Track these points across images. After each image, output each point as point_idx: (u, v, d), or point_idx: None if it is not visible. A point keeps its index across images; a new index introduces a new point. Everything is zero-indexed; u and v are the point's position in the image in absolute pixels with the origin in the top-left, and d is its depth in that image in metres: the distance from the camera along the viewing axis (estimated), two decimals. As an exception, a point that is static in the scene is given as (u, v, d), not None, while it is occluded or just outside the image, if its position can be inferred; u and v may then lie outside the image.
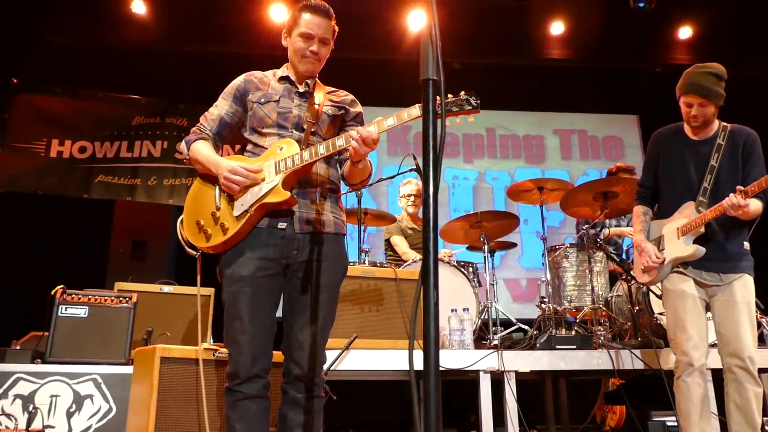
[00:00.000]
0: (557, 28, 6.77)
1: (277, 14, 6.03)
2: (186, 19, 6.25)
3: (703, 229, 2.94)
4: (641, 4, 6.39)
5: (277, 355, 2.28)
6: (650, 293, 4.02)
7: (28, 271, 5.38)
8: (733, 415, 2.80)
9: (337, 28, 2.44)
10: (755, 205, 2.86)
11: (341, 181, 2.49)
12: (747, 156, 3.00)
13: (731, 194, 2.80)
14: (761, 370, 3.32)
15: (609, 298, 4.43)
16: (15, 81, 6.06)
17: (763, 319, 4.17)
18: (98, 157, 6.10)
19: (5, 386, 3.32)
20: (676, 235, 3.01)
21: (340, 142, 2.20)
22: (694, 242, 2.98)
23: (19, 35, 5.96)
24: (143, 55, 6.44)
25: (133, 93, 6.42)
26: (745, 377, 2.78)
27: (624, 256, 4.76)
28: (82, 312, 3.59)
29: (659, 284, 3.23)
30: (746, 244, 3.03)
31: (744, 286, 2.92)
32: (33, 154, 5.99)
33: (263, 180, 2.23)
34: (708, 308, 3.01)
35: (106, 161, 6.11)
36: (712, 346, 3.01)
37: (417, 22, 6.33)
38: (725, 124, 3.08)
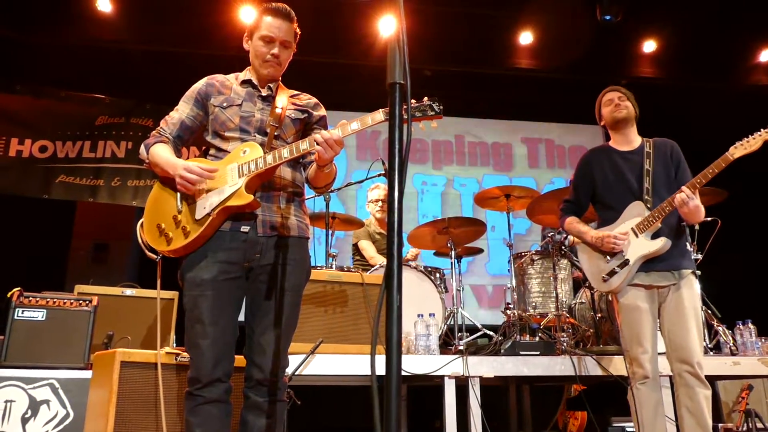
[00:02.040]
0: (526, 38, 6.87)
1: (247, 16, 5.98)
2: (154, 19, 6.15)
3: (660, 224, 2.99)
4: (608, 17, 6.54)
5: (239, 360, 2.25)
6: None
7: (-16, 272, 5.22)
8: (685, 419, 2.87)
9: (299, 31, 2.44)
10: (701, 209, 2.96)
11: (306, 185, 2.48)
12: (676, 162, 3.14)
13: (680, 190, 2.89)
14: (715, 377, 3.40)
15: (572, 305, 4.50)
16: None
17: (720, 327, 4.28)
18: (59, 156, 5.97)
19: (-43, 391, 3.21)
20: (634, 235, 3.04)
21: (303, 145, 2.20)
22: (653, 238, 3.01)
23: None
24: (109, 54, 6.33)
25: (97, 92, 6.30)
26: (694, 382, 2.85)
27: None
28: (39, 315, 3.49)
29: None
30: (688, 246, 3.11)
31: (691, 289, 2.99)
32: (-9, 152, 5.84)
33: (226, 183, 2.21)
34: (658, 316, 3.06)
35: (67, 161, 5.98)
36: (660, 354, 3.06)
37: (387, 27, 6.35)
38: (647, 138, 3.22)
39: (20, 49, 6.11)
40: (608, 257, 3.09)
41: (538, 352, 3.71)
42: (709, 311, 4.23)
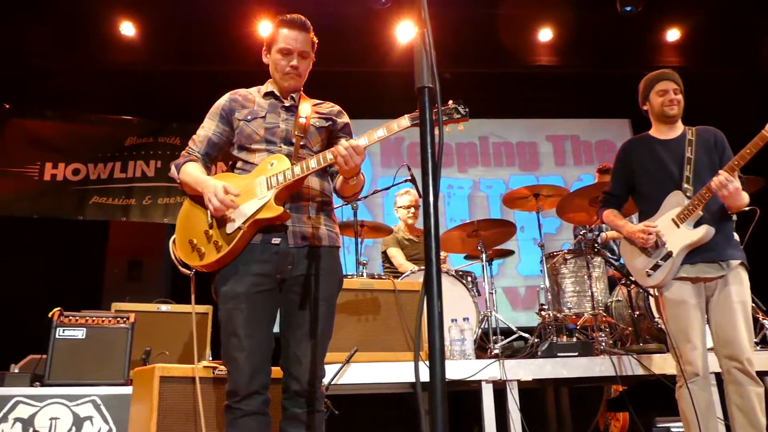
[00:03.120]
0: (545, 35, 6.81)
1: (266, 30, 6.05)
2: (175, 39, 6.28)
3: (701, 212, 2.87)
4: (628, 8, 6.44)
5: (276, 371, 2.26)
6: (650, 297, 4.01)
7: (25, 294, 5.36)
8: (736, 418, 2.74)
9: (316, 40, 2.45)
10: (744, 194, 2.85)
11: (334, 194, 2.48)
12: (721, 149, 3.03)
13: (717, 173, 2.79)
14: (764, 373, 3.27)
15: (609, 304, 4.42)
16: (7, 106, 6.08)
17: (766, 320, 4.15)
18: (92, 178, 6.12)
19: (5, 410, 3.30)
20: (676, 225, 2.92)
21: (330, 155, 2.20)
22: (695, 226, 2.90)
23: (9, 60, 5.96)
24: (134, 76, 6.47)
25: (124, 114, 6.44)
26: (744, 379, 2.73)
27: (622, 261, 4.75)
28: (79, 334, 3.57)
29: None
30: (736, 236, 3.01)
31: (740, 282, 2.86)
32: (27, 178, 6.00)
33: (255, 196, 2.22)
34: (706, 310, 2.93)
35: (99, 182, 6.12)
36: (710, 350, 2.94)
37: (405, 33, 6.35)
38: (689, 127, 3.11)
39: (48, 75, 6.27)
40: (650, 250, 2.99)
41: (576, 353, 3.65)
42: (754, 304, 4.10)
